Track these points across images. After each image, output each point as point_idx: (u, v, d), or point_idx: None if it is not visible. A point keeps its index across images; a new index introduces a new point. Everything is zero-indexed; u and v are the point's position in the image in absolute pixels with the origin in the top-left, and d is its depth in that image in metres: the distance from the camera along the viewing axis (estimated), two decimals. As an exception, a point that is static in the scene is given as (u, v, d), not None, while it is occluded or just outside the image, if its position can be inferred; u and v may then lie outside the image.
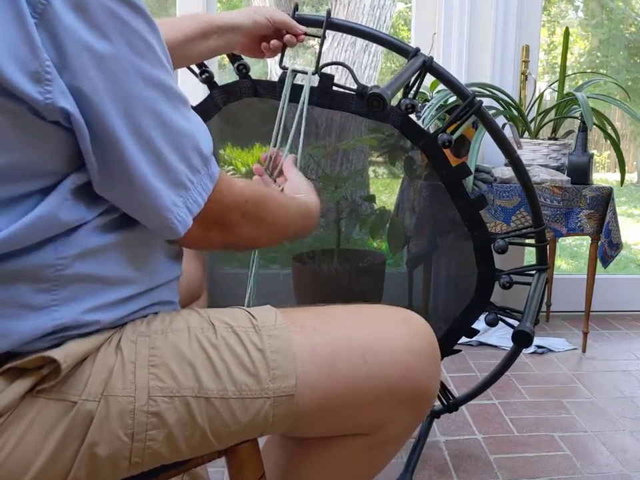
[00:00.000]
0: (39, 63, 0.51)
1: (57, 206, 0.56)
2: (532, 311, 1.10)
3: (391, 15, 2.94)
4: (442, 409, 1.40)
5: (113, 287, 0.62)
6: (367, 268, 2.05)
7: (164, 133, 0.58)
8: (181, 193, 0.60)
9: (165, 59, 0.59)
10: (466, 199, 1.14)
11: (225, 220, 0.67)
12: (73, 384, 0.58)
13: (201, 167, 0.62)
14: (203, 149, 0.62)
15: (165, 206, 0.59)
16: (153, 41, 0.57)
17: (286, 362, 0.65)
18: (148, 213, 0.60)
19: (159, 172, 0.59)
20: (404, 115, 1.10)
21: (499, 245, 1.16)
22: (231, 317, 0.68)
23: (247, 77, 1.14)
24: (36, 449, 0.56)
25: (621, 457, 1.46)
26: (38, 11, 0.50)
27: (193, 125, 0.62)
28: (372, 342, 0.69)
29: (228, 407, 0.63)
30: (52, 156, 0.55)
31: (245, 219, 0.69)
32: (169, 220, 0.60)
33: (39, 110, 0.52)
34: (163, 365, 0.61)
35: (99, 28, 0.53)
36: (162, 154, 0.58)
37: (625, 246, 2.50)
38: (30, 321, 0.56)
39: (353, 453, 0.73)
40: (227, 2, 3.30)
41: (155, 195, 0.59)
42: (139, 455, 0.60)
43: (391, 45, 1.10)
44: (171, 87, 0.59)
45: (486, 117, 1.11)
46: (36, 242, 0.56)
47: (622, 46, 3.32)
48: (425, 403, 0.73)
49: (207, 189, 0.63)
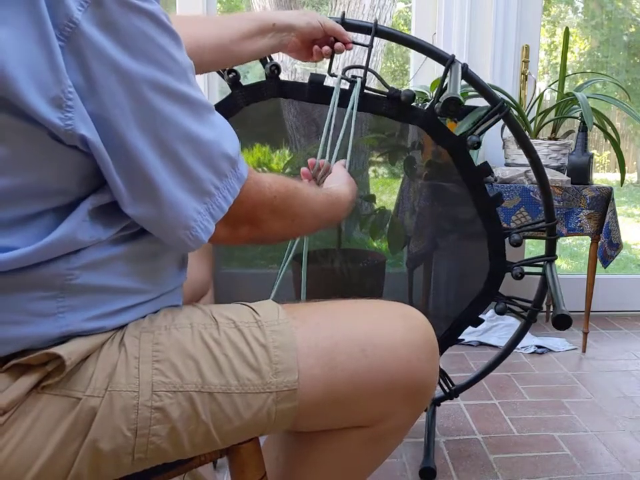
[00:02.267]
0: (61, 88, 0.51)
1: (76, 227, 0.56)
2: (560, 296, 1.15)
3: (391, 14, 2.94)
4: (443, 396, 1.45)
5: (119, 296, 0.63)
6: (367, 268, 2.05)
7: (188, 144, 0.59)
8: (204, 200, 0.61)
9: (189, 72, 0.60)
10: (485, 196, 1.23)
11: (253, 217, 0.68)
12: (77, 380, 0.59)
13: (228, 170, 0.63)
14: (230, 152, 0.63)
15: (189, 215, 0.60)
16: (178, 56, 0.58)
17: (288, 357, 0.66)
18: (172, 226, 0.61)
19: (183, 183, 0.59)
20: (434, 117, 1.17)
21: (515, 239, 1.26)
22: (233, 313, 0.69)
23: (277, 78, 1.16)
24: (41, 444, 0.57)
25: (621, 457, 1.46)
26: (65, 34, 0.50)
27: (218, 130, 0.62)
28: (372, 336, 0.70)
29: (231, 402, 0.63)
30: (67, 176, 0.56)
31: (274, 215, 0.70)
32: (192, 229, 0.61)
33: (58, 135, 0.52)
34: (167, 361, 0.62)
35: (128, 46, 0.53)
36: (186, 165, 0.59)
37: (625, 246, 2.51)
38: (36, 327, 0.57)
39: (352, 445, 0.74)
40: (226, 2, 3.30)
41: (180, 206, 0.59)
42: (142, 451, 0.60)
43: (431, 52, 1.18)
44: (195, 99, 0.59)
45: (512, 120, 1.21)
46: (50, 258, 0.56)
47: (622, 46, 3.32)
48: (423, 396, 0.74)
49: (234, 191, 0.64)
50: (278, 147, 2.13)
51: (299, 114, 2.18)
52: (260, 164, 2.07)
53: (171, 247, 0.64)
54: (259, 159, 2.04)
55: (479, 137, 1.17)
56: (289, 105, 2.02)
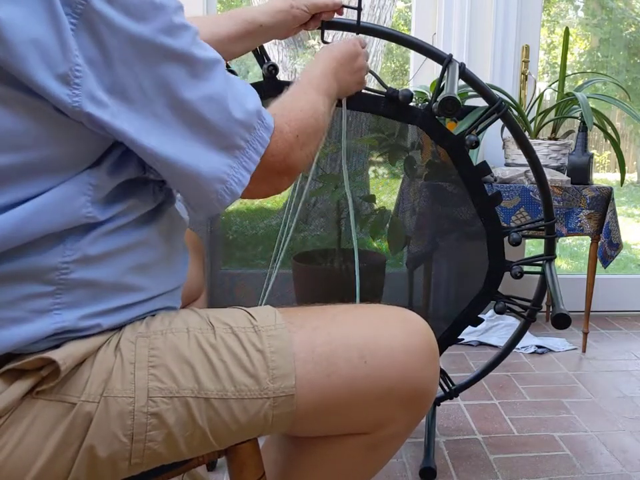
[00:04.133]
0: (69, 66, 0.52)
1: (74, 194, 0.57)
2: (559, 295, 1.16)
3: (391, 14, 2.94)
4: (443, 395, 1.45)
5: (116, 294, 0.62)
6: (367, 268, 2.04)
7: (211, 103, 0.60)
8: (235, 154, 0.63)
9: (197, 36, 0.61)
10: (484, 195, 1.23)
11: (289, 162, 0.69)
12: (72, 385, 0.58)
13: (255, 122, 0.64)
14: (253, 105, 0.64)
15: (222, 169, 0.62)
16: (186, 22, 0.59)
17: (285, 362, 0.65)
18: (207, 182, 0.62)
19: (210, 141, 0.61)
20: (431, 116, 1.17)
21: (514, 238, 1.26)
22: (230, 318, 0.68)
23: (274, 78, 1.16)
24: (35, 450, 0.56)
25: (621, 457, 1.46)
26: (78, 12, 0.51)
27: (236, 86, 0.64)
28: (371, 342, 0.69)
29: (227, 408, 0.63)
30: (72, 150, 0.56)
31: (303, 149, 0.71)
32: (227, 183, 0.62)
33: (64, 111, 0.53)
34: (163, 366, 0.61)
35: (136, 16, 0.54)
36: (212, 124, 0.60)
37: (625, 246, 2.50)
38: (32, 324, 0.56)
39: (351, 451, 0.73)
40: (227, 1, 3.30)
41: (210, 163, 0.61)
42: (138, 456, 0.60)
43: (426, 51, 1.16)
44: (211, 59, 0.61)
45: (510, 119, 1.20)
46: (45, 238, 0.56)
47: (622, 46, 3.32)
48: (423, 402, 0.73)
49: (264, 141, 0.65)
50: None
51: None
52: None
53: (197, 210, 0.66)
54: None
55: (477, 136, 1.16)
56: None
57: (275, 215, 2.13)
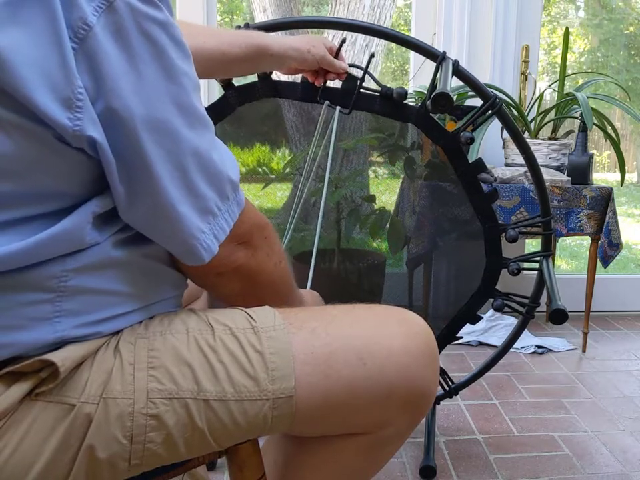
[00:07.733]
0: (71, 89, 0.51)
1: (77, 226, 0.56)
2: (556, 291, 1.16)
3: (390, 14, 2.94)
4: (442, 394, 1.45)
5: (117, 301, 0.62)
6: (367, 268, 2.05)
7: (197, 160, 0.59)
8: (208, 220, 0.61)
9: (198, 89, 0.60)
10: (480, 193, 1.22)
11: (251, 240, 0.68)
12: (71, 386, 0.58)
13: (230, 193, 0.63)
14: (232, 176, 0.63)
15: (191, 233, 0.60)
16: (189, 71, 0.58)
17: (285, 363, 0.65)
18: (172, 238, 0.61)
19: (188, 198, 0.59)
20: (426, 114, 1.17)
21: (510, 235, 1.26)
22: (229, 319, 0.68)
23: (269, 78, 1.17)
24: (35, 453, 0.56)
25: (621, 457, 1.46)
26: (80, 36, 0.50)
27: (221, 151, 0.63)
28: (370, 343, 0.69)
29: (227, 409, 0.63)
30: (70, 179, 0.56)
31: (265, 242, 0.71)
32: (194, 247, 0.61)
33: (65, 136, 0.52)
34: (162, 367, 0.61)
35: (137, 54, 0.53)
36: (194, 181, 0.59)
37: (625, 246, 2.51)
38: (32, 332, 0.56)
39: (351, 452, 0.73)
40: (227, 2, 3.30)
41: (182, 221, 0.59)
42: (138, 457, 0.60)
43: (419, 48, 1.16)
44: (203, 117, 0.60)
45: (505, 115, 1.20)
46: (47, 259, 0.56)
47: (622, 46, 3.32)
48: (423, 403, 0.73)
49: (234, 215, 0.64)
50: (278, 146, 2.13)
51: (298, 113, 2.18)
52: (260, 164, 2.07)
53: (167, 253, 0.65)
54: (259, 159, 2.04)
55: (471, 133, 1.15)
56: (288, 105, 2.02)
57: (275, 214, 2.13)
